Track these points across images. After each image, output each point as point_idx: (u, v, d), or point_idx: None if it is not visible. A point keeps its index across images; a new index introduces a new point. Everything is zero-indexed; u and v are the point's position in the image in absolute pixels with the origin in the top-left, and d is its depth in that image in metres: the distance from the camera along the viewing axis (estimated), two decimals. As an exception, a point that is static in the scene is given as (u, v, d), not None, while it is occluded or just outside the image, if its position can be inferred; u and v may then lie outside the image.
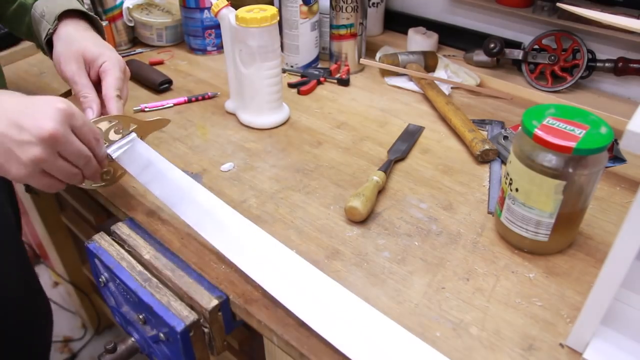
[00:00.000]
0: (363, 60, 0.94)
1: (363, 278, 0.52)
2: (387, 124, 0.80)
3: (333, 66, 0.94)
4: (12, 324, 0.78)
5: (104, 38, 0.66)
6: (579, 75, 0.84)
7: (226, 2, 0.74)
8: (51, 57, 0.65)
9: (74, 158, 0.50)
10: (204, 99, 0.86)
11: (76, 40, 0.62)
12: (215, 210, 0.54)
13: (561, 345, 0.46)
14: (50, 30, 0.63)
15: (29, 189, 0.82)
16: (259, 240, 0.52)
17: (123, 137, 0.59)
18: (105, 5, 0.98)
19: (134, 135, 0.60)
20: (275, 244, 0.51)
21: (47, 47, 0.65)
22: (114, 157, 0.58)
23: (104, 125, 0.57)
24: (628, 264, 0.37)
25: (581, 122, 0.49)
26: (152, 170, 0.57)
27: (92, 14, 0.66)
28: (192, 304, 0.52)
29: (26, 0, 0.67)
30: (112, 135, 0.58)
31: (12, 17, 0.69)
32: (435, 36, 0.99)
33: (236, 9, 0.97)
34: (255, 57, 0.72)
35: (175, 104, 0.84)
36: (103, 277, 0.59)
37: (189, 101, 0.85)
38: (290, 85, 0.90)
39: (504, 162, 0.70)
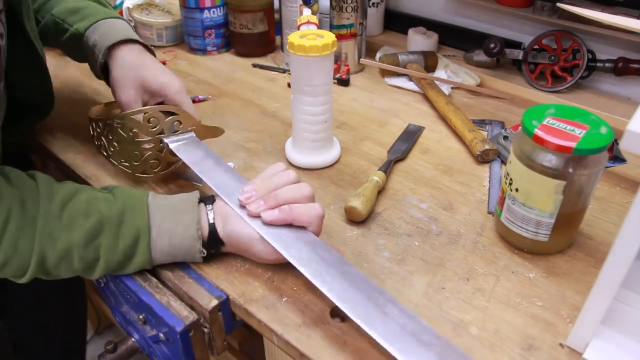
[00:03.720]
0: (363, 60, 0.94)
1: (363, 278, 0.52)
2: (387, 124, 0.80)
3: (333, 66, 0.94)
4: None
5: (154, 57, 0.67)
6: (579, 75, 0.84)
7: (309, 19, 0.64)
8: (107, 82, 0.68)
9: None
10: (200, 101, 0.86)
11: (134, 67, 0.63)
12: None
13: (561, 345, 0.46)
14: (101, 61, 0.64)
15: None
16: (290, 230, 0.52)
17: (182, 133, 0.63)
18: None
19: (192, 134, 0.64)
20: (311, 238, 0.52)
21: (103, 73, 0.67)
22: (171, 148, 0.62)
23: (167, 115, 0.61)
24: (628, 264, 0.37)
25: (581, 122, 0.49)
26: (207, 163, 0.61)
27: (141, 40, 0.66)
28: (192, 304, 0.52)
29: (77, 30, 0.67)
30: (173, 128, 0.63)
31: (67, 46, 0.70)
32: (435, 36, 0.99)
33: (236, 11, 0.98)
34: (295, 87, 0.65)
35: (175, 104, 0.84)
36: (103, 277, 0.59)
37: (189, 101, 0.85)
38: (291, 86, 0.90)
39: (504, 162, 0.70)
